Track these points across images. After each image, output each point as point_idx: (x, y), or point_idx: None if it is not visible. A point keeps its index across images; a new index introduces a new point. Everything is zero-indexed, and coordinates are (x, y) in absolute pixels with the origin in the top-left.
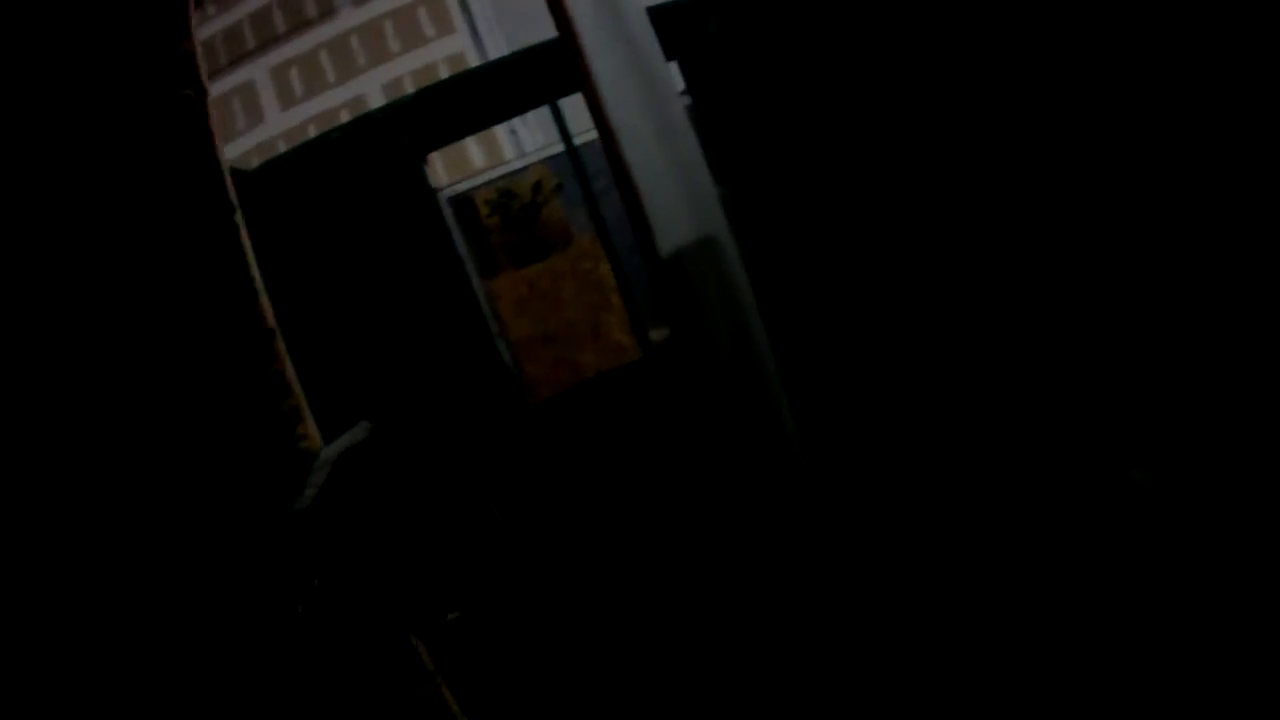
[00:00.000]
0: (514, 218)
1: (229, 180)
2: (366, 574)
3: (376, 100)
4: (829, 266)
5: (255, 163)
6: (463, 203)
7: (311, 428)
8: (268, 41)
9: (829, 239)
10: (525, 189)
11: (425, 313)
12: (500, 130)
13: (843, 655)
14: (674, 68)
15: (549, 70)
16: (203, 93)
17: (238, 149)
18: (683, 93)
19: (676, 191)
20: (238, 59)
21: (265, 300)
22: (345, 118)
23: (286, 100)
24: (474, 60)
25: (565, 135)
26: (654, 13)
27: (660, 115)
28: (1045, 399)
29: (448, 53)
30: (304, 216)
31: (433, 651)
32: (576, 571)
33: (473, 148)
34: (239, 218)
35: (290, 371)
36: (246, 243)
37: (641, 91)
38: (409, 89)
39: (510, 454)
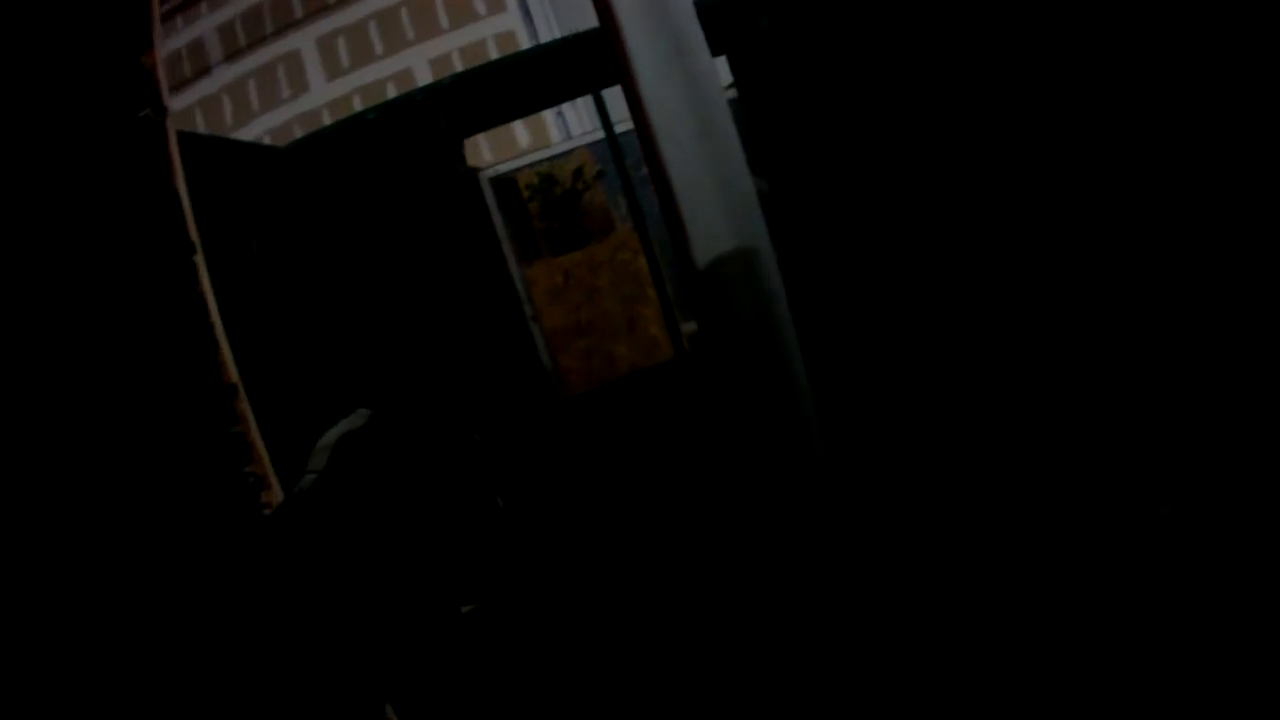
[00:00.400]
0: (554, 203)
1: (189, 216)
2: (367, 562)
3: (423, 75)
4: (879, 271)
5: (298, 132)
6: (505, 184)
7: (277, 496)
8: (316, 11)
9: (879, 242)
10: (566, 175)
11: (458, 299)
12: (548, 113)
13: (865, 657)
14: (721, 63)
15: (592, 59)
16: (162, 112)
17: (280, 118)
18: (729, 87)
19: (714, 195)
20: (284, 28)
21: (227, 351)
22: (392, 91)
23: (333, 70)
24: (524, 39)
25: (607, 124)
26: (702, 8)
27: (702, 114)
28: (1082, 427)
29: (497, 31)
30: (337, 198)
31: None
32: (595, 568)
33: (518, 128)
34: (199, 259)
35: (255, 433)
36: (207, 286)
37: (684, 89)
38: (457, 65)
39: (540, 446)
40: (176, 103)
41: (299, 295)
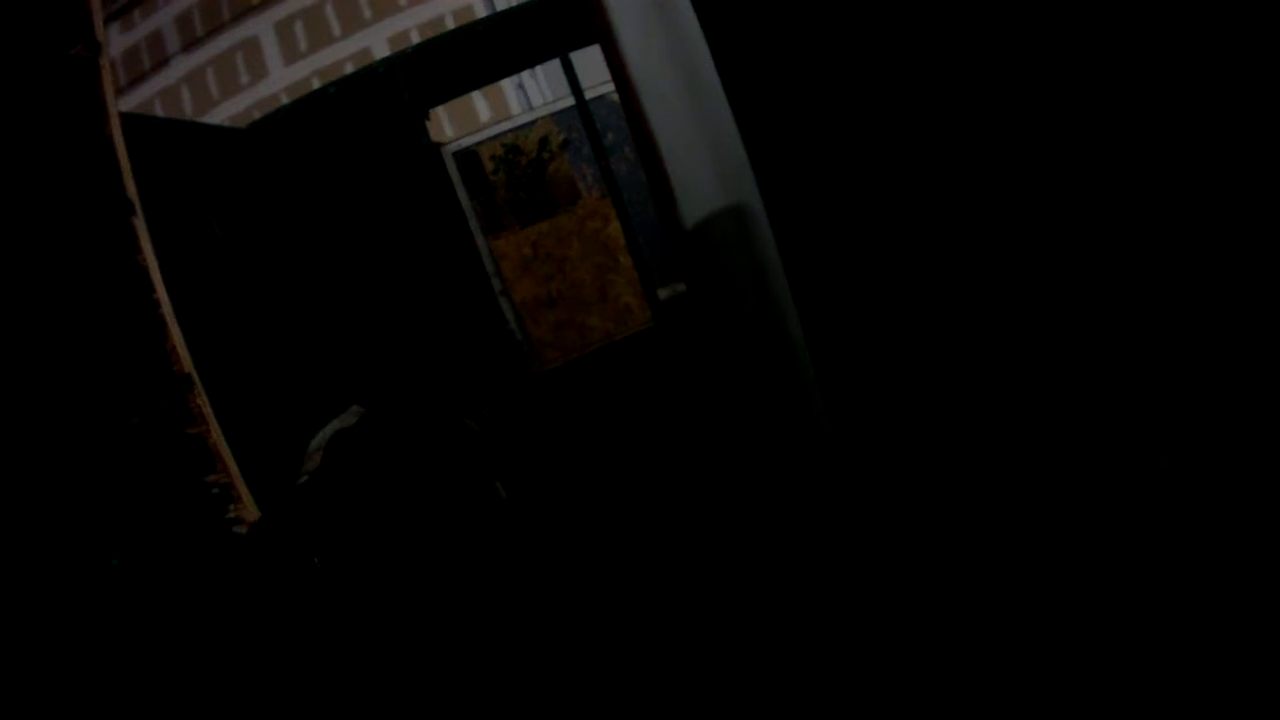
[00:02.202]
0: (519, 174)
1: (127, 171)
2: (367, 565)
3: (382, 53)
4: (875, 235)
5: (259, 118)
6: (469, 158)
7: (248, 509)
8: None
9: (872, 206)
10: (531, 145)
11: (425, 274)
12: (507, 85)
13: (863, 646)
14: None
15: (558, 21)
16: (95, 49)
17: (240, 105)
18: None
19: (702, 152)
20: (242, 14)
21: (178, 335)
22: (350, 71)
23: (291, 54)
24: (482, 14)
25: (576, 89)
26: None
27: (686, 68)
28: (1087, 388)
29: (455, 6)
30: (301, 177)
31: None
32: (576, 556)
33: (479, 102)
34: (140, 221)
35: (217, 435)
36: (150, 256)
37: (666, 42)
38: (416, 42)
39: (516, 424)
40: (136, 97)
41: (266, 278)
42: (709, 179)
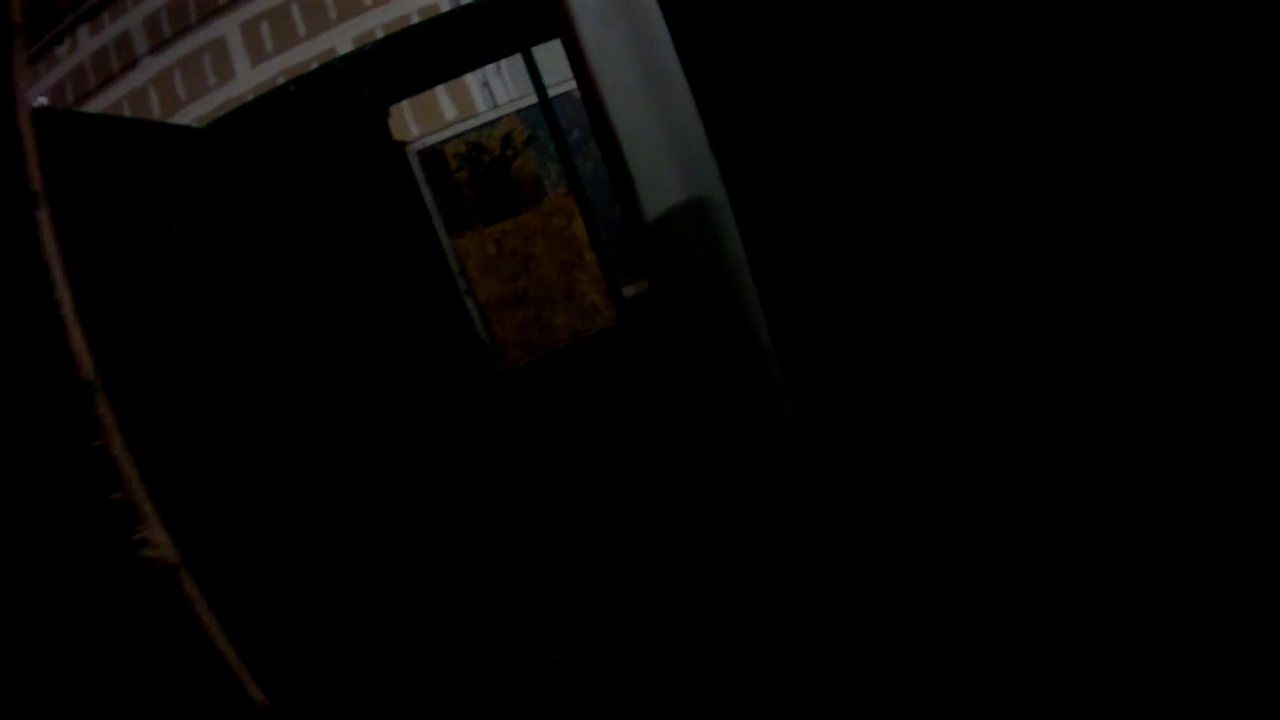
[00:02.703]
0: (483, 172)
1: (34, 160)
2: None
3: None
4: (843, 228)
5: (219, 117)
6: (433, 157)
7: (157, 532)
8: None
9: (840, 198)
10: (494, 142)
11: (386, 274)
12: (472, 81)
13: (839, 649)
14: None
15: (520, 16)
16: (9, 33)
17: (207, 106)
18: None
19: (663, 143)
20: (208, 15)
21: (78, 336)
22: None
23: (257, 55)
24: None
25: (538, 84)
26: None
27: (647, 59)
28: (1058, 386)
29: (421, 5)
30: (260, 176)
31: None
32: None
33: (444, 99)
34: (44, 215)
35: (119, 448)
36: (53, 252)
37: (626, 31)
38: None
39: (480, 426)
40: (104, 99)
41: (224, 278)
42: (671, 171)
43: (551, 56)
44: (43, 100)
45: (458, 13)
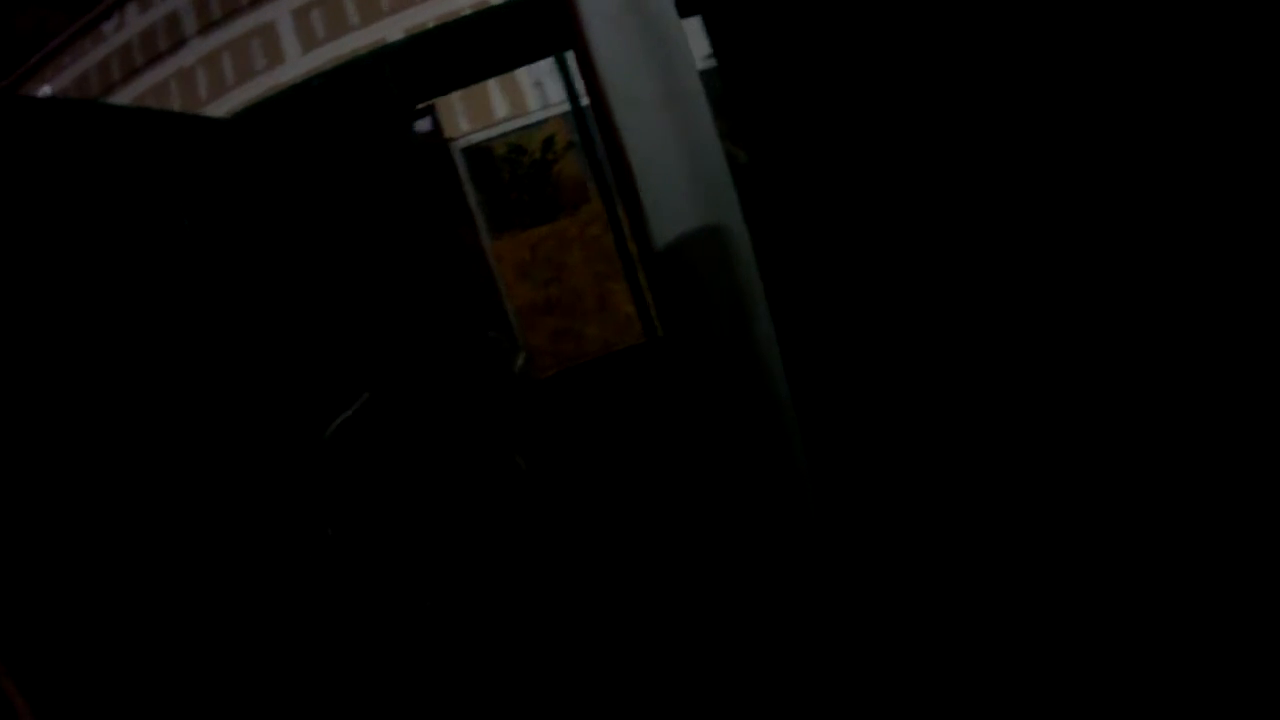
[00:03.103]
0: (521, 175)
1: None
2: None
3: None
4: (880, 257)
5: (241, 109)
6: (480, 154)
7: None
8: None
9: (882, 222)
10: (536, 144)
11: (417, 275)
12: (525, 79)
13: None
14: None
15: (555, 18)
16: None
17: (254, 91)
18: (709, 57)
19: (678, 165)
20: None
21: None
22: None
23: (308, 42)
24: None
25: (570, 89)
26: None
27: (664, 72)
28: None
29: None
30: (283, 170)
31: None
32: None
33: (496, 96)
34: None
35: None
36: None
37: (642, 42)
38: None
39: (510, 434)
40: (151, 78)
41: (238, 275)
42: (685, 196)
43: None
44: (46, 90)
45: (489, 13)
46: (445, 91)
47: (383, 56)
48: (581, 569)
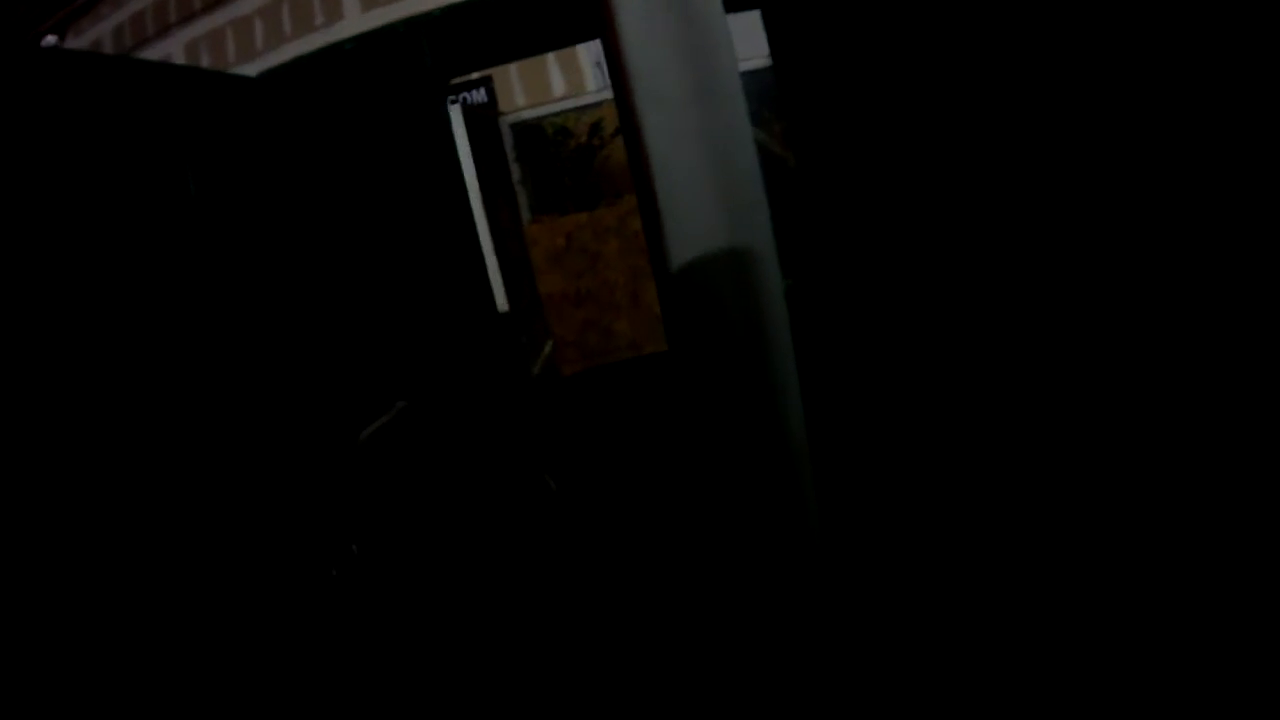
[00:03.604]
0: (565, 158)
1: None
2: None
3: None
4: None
5: (267, 69)
6: (530, 131)
7: None
8: None
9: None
10: (583, 128)
11: (431, 253)
12: (585, 58)
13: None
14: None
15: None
16: None
17: (311, 44)
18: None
19: (705, 177)
20: None
21: None
22: None
23: (369, 1)
24: None
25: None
26: None
27: (702, 71)
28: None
29: None
30: (311, 135)
31: None
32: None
33: (554, 73)
34: None
35: None
36: None
37: (679, 34)
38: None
39: (536, 443)
40: (208, 23)
41: (245, 243)
42: (709, 211)
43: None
44: (51, 40)
45: None
46: (482, 66)
47: (419, 25)
48: (606, 595)
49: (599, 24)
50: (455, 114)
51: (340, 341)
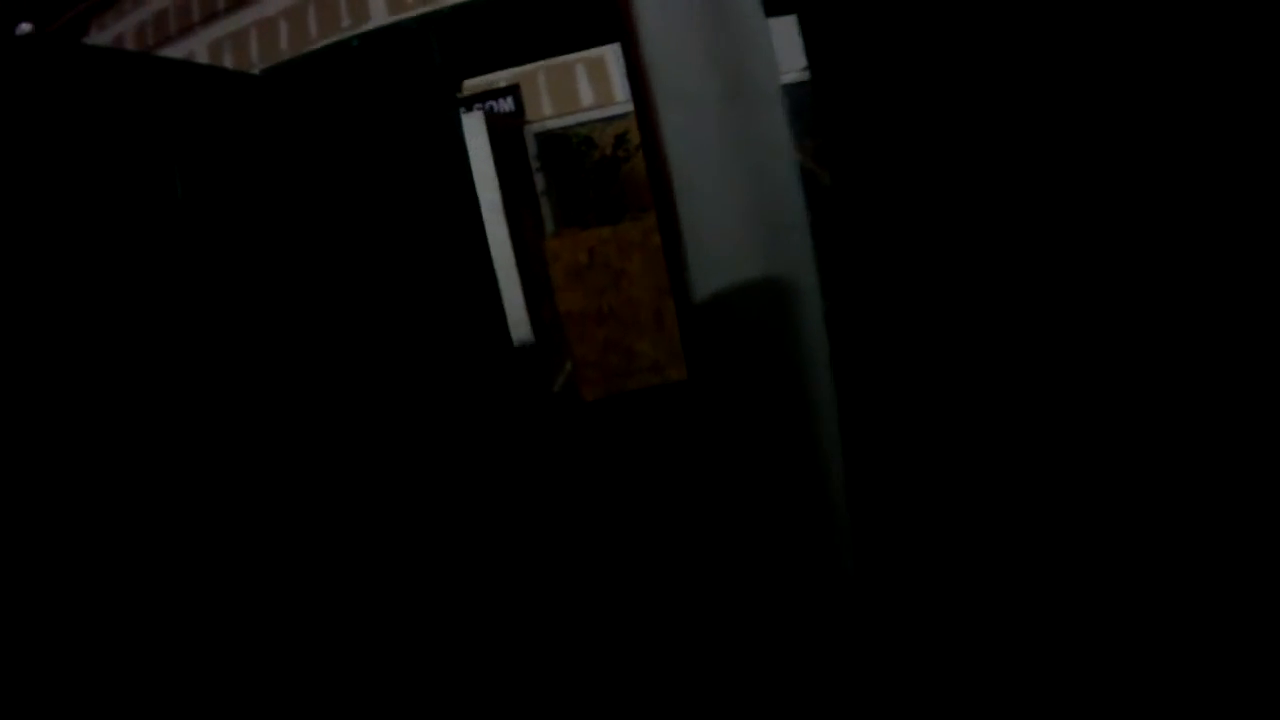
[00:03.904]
0: (589, 170)
1: None
2: None
3: None
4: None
5: (269, 66)
6: (556, 141)
7: None
8: None
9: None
10: (608, 139)
11: (436, 270)
12: (615, 66)
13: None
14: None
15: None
16: None
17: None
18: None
19: (738, 193)
20: None
21: None
22: None
23: (396, 3)
24: None
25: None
26: None
27: (733, 69)
28: None
29: None
30: (315, 135)
31: None
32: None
33: (583, 81)
34: None
35: None
36: None
37: (705, 22)
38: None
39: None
40: (232, 23)
41: (232, 249)
42: (739, 233)
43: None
44: (26, 27)
45: None
46: (494, 67)
47: (429, 23)
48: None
49: (612, 10)
50: (478, 121)
51: (336, 363)
